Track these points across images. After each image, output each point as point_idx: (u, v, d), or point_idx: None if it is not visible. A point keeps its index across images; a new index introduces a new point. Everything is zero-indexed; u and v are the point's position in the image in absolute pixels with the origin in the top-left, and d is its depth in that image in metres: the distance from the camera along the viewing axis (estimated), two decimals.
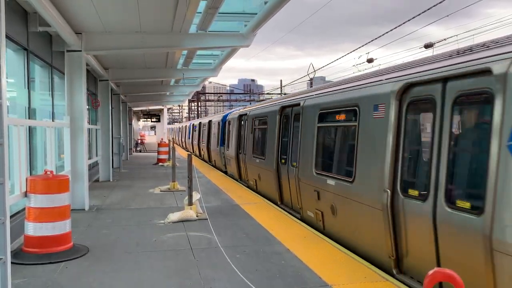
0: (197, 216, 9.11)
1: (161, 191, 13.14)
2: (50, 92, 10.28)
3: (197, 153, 28.54)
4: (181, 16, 9.23)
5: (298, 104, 9.65)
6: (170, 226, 8.52)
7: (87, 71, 13.21)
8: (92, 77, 15.71)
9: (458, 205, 4.51)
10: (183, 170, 18.81)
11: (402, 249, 5.59)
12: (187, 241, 7.35)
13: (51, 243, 6.40)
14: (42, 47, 9.43)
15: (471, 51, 4.82)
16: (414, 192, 5.29)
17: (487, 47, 4.60)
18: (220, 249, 6.76)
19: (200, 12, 9.38)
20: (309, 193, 8.55)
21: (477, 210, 4.22)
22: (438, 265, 4.91)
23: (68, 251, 6.52)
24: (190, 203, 9.37)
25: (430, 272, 2.46)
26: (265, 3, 9.46)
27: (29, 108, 8.33)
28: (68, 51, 10.22)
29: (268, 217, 9.28)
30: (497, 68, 4.08)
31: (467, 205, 4.40)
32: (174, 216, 8.91)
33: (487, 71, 4.25)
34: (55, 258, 6.26)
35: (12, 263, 5.17)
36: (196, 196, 9.56)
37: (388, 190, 5.63)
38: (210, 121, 22.97)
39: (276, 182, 10.94)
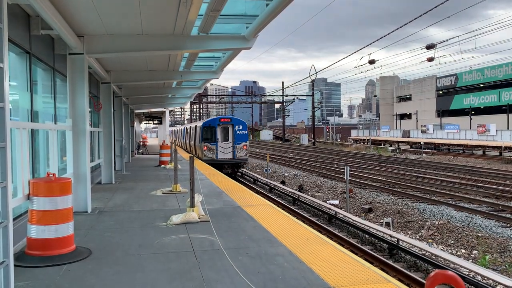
0: (199, 218, 9.12)
1: (163, 193, 13.14)
2: (52, 95, 10.30)
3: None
4: (183, 19, 9.25)
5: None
6: (173, 228, 8.53)
7: (89, 73, 13.24)
8: (94, 80, 15.74)
9: None
10: (185, 172, 18.82)
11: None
12: (190, 243, 7.36)
13: (53, 245, 6.41)
14: (44, 50, 9.45)
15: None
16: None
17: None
18: (223, 251, 6.76)
19: (202, 15, 9.39)
20: (199, 149, 27.71)
21: None
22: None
23: (71, 254, 6.53)
24: (192, 205, 9.37)
25: (432, 274, 2.46)
26: (267, 5, 9.46)
27: (31, 111, 8.35)
28: (70, 54, 10.24)
29: (270, 219, 9.28)
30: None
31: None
32: (176, 219, 8.92)
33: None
34: (57, 261, 6.27)
35: (14, 265, 5.18)
36: (198, 198, 9.56)
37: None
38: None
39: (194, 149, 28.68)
